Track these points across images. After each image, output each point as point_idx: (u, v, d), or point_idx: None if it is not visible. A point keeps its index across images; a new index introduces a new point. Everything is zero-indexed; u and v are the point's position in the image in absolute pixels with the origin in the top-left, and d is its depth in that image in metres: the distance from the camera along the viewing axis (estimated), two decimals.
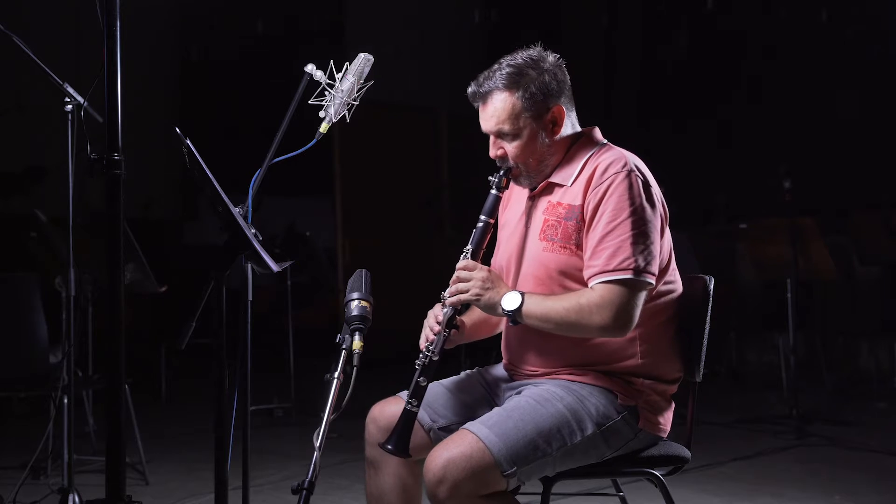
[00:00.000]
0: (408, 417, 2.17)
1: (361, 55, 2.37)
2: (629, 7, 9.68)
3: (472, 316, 2.45)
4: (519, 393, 2.24)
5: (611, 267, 2.12)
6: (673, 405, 2.31)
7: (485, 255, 2.39)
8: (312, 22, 8.93)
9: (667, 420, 2.29)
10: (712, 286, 2.37)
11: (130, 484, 3.97)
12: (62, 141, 3.01)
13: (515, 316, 2.17)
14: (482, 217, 2.28)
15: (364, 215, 8.30)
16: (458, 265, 2.25)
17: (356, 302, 2.16)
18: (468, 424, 2.12)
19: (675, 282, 2.31)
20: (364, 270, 2.23)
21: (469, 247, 2.28)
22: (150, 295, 5.60)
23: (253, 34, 8.98)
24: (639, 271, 2.11)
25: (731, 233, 6.86)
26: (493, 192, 2.29)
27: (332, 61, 2.34)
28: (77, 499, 3.20)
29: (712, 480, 4.09)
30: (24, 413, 5.57)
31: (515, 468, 2.06)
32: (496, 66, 2.27)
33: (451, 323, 2.24)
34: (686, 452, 2.32)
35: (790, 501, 3.79)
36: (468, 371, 2.49)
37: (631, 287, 2.11)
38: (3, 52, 3.24)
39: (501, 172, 2.30)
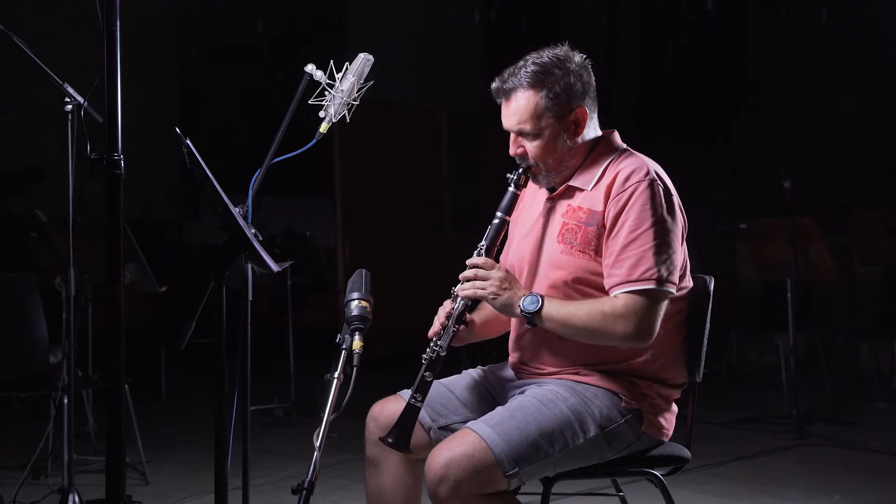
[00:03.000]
0: (410, 412, 2.16)
1: (361, 55, 2.37)
2: (629, 7, 9.68)
3: (482, 314, 2.44)
4: (522, 392, 2.24)
5: (634, 277, 2.11)
6: (675, 409, 2.31)
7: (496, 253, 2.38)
8: (312, 22, 8.92)
9: (670, 423, 2.29)
10: (712, 286, 2.37)
11: (130, 484, 3.97)
12: (62, 141, 3.01)
13: (534, 318, 2.15)
14: (499, 214, 2.27)
15: (364, 215, 8.30)
16: (473, 261, 2.23)
17: (356, 302, 2.16)
18: (470, 423, 2.12)
19: (687, 293, 2.30)
20: (364, 270, 2.23)
21: (484, 242, 2.26)
22: (150, 295, 5.61)
23: (253, 34, 8.98)
24: (661, 281, 2.11)
25: (731, 233, 6.86)
26: (511, 189, 2.28)
27: (332, 61, 2.34)
28: (77, 499, 3.20)
29: (712, 480, 4.09)
30: (24, 413, 5.57)
31: (517, 468, 2.06)
32: (521, 62, 2.24)
33: (461, 318, 2.23)
34: (686, 452, 2.32)
35: (790, 501, 3.79)
36: (469, 370, 2.49)
37: (653, 297, 2.11)
38: (3, 52, 3.23)
39: (521, 170, 2.28)
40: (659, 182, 2.18)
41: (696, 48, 9.13)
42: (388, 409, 2.33)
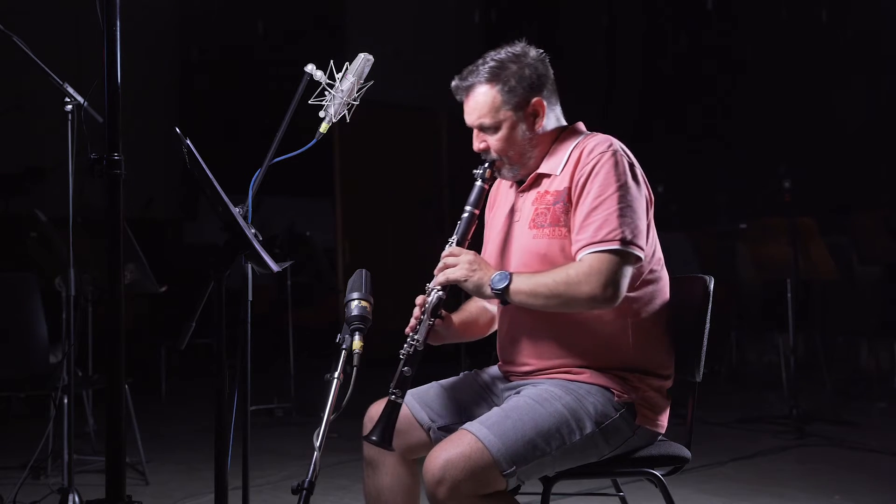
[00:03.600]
0: (392, 409, 2.16)
1: (361, 55, 2.37)
2: (629, 7, 9.68)
3: (462, 315, 2.46)
4: (518, 393, 2.24)
5: (598, 238, 2.14)
6: (669, 401, 2.31)
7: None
8: (312, 22, 8.93)
9: (664, 416, 2.29)
10: (712, 286, 2.37)
11: (130, 484, 3.97)
12: (62, 141, 3.02)
13: (504, 294, 2.18)
14: (467, 208, 2.31)
15: (364, 215, 8.30)
16: (444, 252, 2.28)
17: (356, 302, 2.16)
18: (467, 424, 2.12)
19: (662, 270, 2.32)
20: (364, 270, 2.23)
21: (455, 236, 2.30)
22: (150, 295, 5.61)
23: (253, 34, 8.98)
24: (626, 242, 2.13)
25: (731, 233, 6.86)
26: (479, 183, 2.33)
27: (332, 61, 2.35)
28: (77, 499, 3.20)
29: (712, 480, 4.09)
30: (24, 413, 5.57)
31: (514, 468, 2.06)
32: (480, 60, 2.31)
33: (435, 312, 2.25)
34: (686, 452, 2.32)
35: (790, 501, 3.79)
36: (467, 372, 2.49)
37: (619, 257, 2.13)
38: (3, 52, 3.24)
39: (486, 165, 2.33)
40: (622, 153, 2.22)
41: (697, 48, 9.13)
42: None
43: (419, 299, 2.28)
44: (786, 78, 8.28)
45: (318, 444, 1.97)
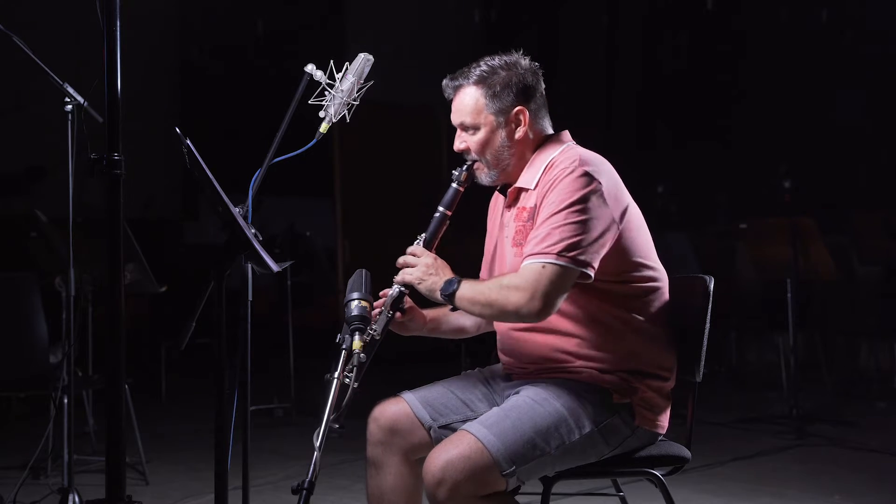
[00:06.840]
0: (343, 390, 2.10)
1: (361, 55, 2.38)
2: (629, 7, 9.68)
3: (434, 312, 2.46)
4: (517, 392, 2.24)
5: (536, 250, 2.13)
6: (670, 402, 2.31)
7: (475, 267, 2.43)
8: (312, 22, 8.92)
9: (663, 417, 2.29)
10: (712, 286, 2.37)
11: (130, 484, 3.98)
12: (62, 141, 3.02)
13: (451, 299, 2.20)
14: (440, 208, 2.34)
15: (364, 215, 8.30)
16: (410, 249, 2.29)
17: (356, 302, 2.16)
18: (466, 425, 2.12)
19: (659, 271, 2.30)
20: (364, 270, 2.24)
21: (424, 235, 2.32)
22: (150, 295, 5.62)
23: (253, 34, 8.98)
24: (563, 255, 2.10)
25: (731, 233, 6.85)
26: (454, 185, 2.36)
27: (332, 61, 2.35)
28: (77, 499, 3.20)
29: (712, 480, 4.09)
30: (24, 413, 5.57)
31: (514, 467, 2.06)
32: (474, 63, 2.33)
33: (395, 305, 2.26)
34: (686, 452, 2.32)
35: (790, 501, 3.79)
36: (468, 371, 2.49)
37: (556, 268, 2.10)
38: (3, 52, 3.24)
39: (464, 167, 2.35)
40: (583, 170, 2.17)
41: (696, 48, 9.13)
42: (389, 409, 2.35)
43: (384, 291, 2.30)
44: (786, 78, 8.28)
45: (318, 444, 1.97)
